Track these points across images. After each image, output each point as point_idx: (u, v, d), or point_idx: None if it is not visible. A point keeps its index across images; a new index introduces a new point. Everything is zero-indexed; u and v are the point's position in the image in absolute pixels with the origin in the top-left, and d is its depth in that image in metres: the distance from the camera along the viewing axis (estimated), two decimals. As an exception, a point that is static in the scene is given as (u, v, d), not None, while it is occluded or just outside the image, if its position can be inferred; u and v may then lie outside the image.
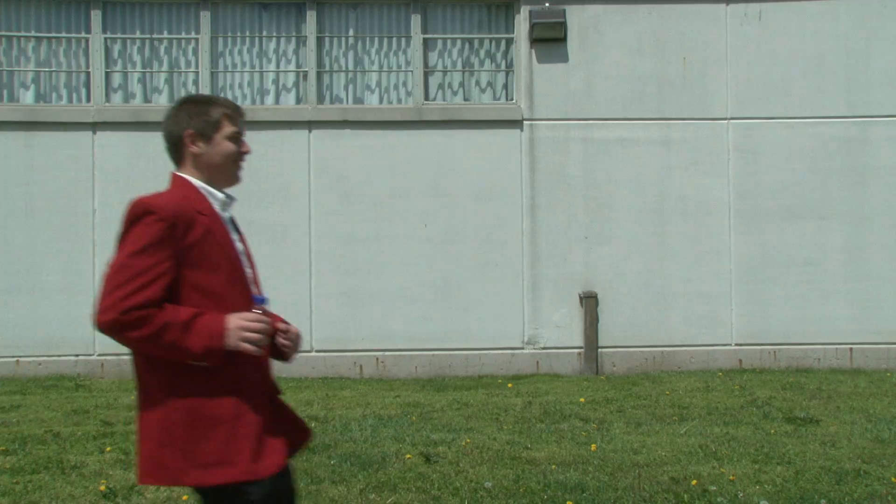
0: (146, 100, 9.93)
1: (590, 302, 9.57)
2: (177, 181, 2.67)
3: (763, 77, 9.79)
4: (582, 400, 7.83)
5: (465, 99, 10.03)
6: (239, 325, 2.45)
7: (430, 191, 9.73)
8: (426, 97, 9.93)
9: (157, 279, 2.41)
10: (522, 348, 9.70)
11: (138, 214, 2.47)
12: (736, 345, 9.70)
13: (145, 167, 9.66)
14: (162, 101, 9.87)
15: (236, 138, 2.68)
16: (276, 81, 9.91)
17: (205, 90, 9.74)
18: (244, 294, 2.58)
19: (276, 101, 9.96)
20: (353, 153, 9.64)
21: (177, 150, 2.68)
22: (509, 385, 8.77)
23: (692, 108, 9.79)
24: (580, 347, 9.66)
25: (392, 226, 9.69)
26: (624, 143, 9.78)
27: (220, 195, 2.67)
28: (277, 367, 2.87)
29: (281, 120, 9.70)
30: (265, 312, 2.52)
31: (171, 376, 2.44)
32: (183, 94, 9.89)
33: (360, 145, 9.73)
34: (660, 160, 9.80)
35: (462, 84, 10.04)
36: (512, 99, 9.94)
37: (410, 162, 9.74)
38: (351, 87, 9.98)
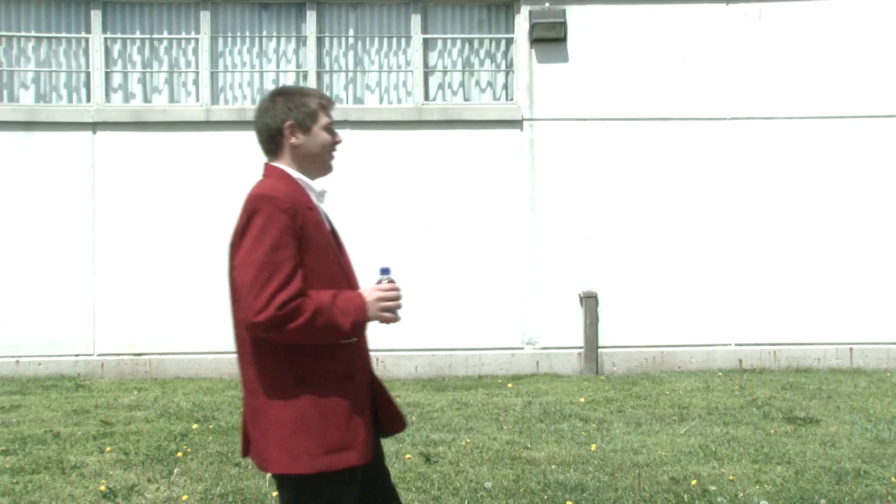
0: (146, 100, 9.92)
1: (590, 302, 9.57)
2: (275, 172, 2.64)
3: (763, 77, 9.78)
4: (582, 400, 7.83)
5: (466, 99, 10.02)
6: (376, 297, 2.53)
7: (430, 191, 9.73)
8: (426, 97, 9.93)
9: (297, 269, 2.43)
10: (522, 348, 9.70)
11: (259, 207, 2.45)
12: (736, 345, 9.70)
13: (145, 167, 9.65)
14: (162, 102, 9.88)
15: (331, 129, 2.72)
16: (276, 81, 9.89)
17: (204, 91, 9.75)
18: (351, 287, 2.60)
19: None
20: (353, 153, 9.63)
21: (273, 142, 2.67)
22: (509, 385, 8.77)
23: (692, 108, 9.79)
24: (580, 347, 9.66)
25: (390, 227, 9.69)
26: (624, 143, 9.77)
27: (316, 187, 2.68)
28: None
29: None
30: (391, 281, 2.59)
31: (296, 366, 2.47)
32: (183, 94, 9.91)
33: (361, 145, 9.72)
34: (660, 160, 9.78)
35: (462, 84, 10.03)
36: (512, 99, 9.94)
37: (410, 162, 9.73)
38: (351, 87, 9.98)
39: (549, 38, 9.70)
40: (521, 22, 9.81)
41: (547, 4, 9.74)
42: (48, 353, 9.47)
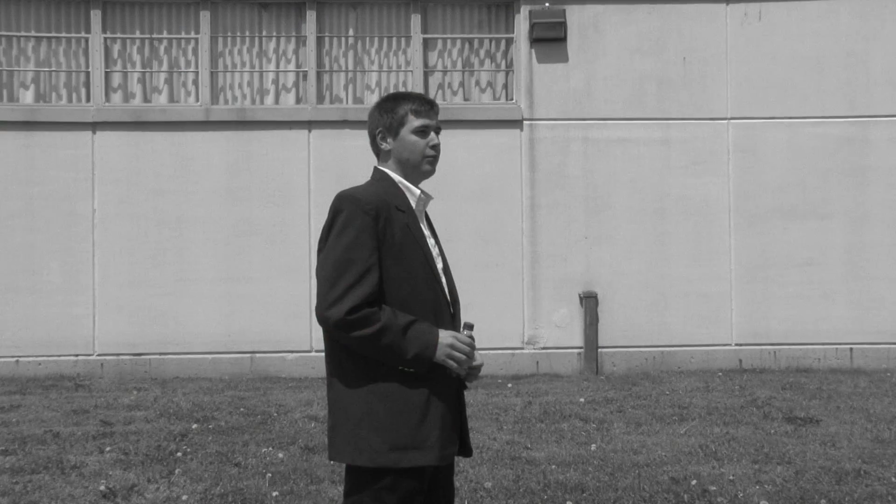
0: (146, 100, 9.90)
1: (590, 302, 9.57)
2: (376, 174, 2.74)
3: (763, 77, 9.76)
4: (582, 400, 7.82)
5: (465, 99, 10.01)
6: (449, 343, 2.56)
7: (429, 190, 9.65)
8: (426, 97, 9.91)
9: (372, 268, 2.50)
10: (522, 348, 9.69)
11: (343, 206, 2.54)
12: (736, 345, 9.68)
13: (145, 167, 9.64)
14: (161, 101, 9.86)
15: (424, 132, 2.73)
16: (275, 81, 9.89)
17: (204, 90, 9.73)
18: (436, 291, 2.66)
19: (276, 100, 9.93)
20: (352, 153, 9.61)
21: (375, 146, 2.77)
22: (509, 385, 8.78)
23: (692, 108, 9.77)
24: (580, 347, 9.64)
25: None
26: (624, 143, 9.76)
27: (416, 190, 2.73)
28: (277, 368, 2.88)
29: (281, 120, 9.68)
30: (471, 338, 2.63)
31: (370, 362, 2.52)
32: (182, 93, 9.89)
33: (360, 145, 9.70)
34: (660, 160, 9.78)
35: (462, 84, 10.02)
36: (512, 99, 9.92)
37: (410, 162, 9.69)
38: (351, 86, 9.96)
39: (549, 38, 9.68)
40: (521, 22, 9.79)
41: (547, 4, 9.72)
42: (48, 353, 9.46)
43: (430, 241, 2.74)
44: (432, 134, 2.75)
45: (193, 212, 9.63)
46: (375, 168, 2.77)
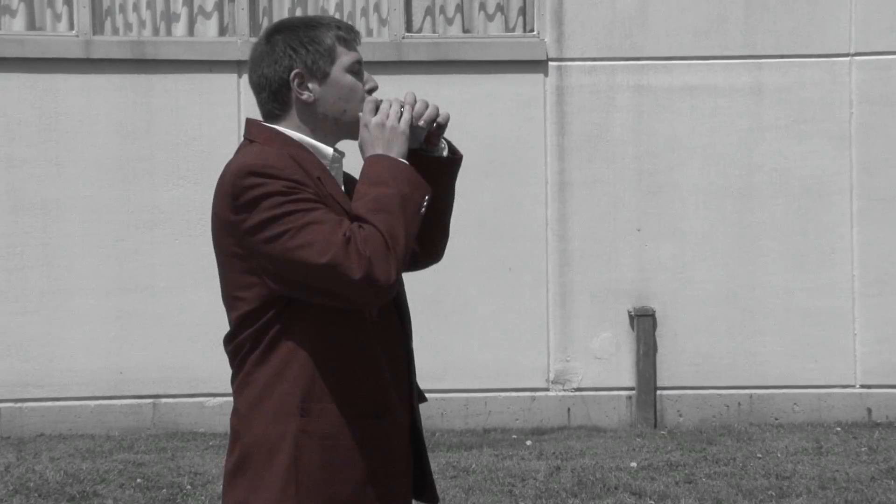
0: None
1: (644, 322, 9.52)
2: (265, 133, 2.89)
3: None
4: (634, 465, 7.81)
5: (465, 30, 9.95)
6: (379, 121, 2.86)
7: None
8: (408, 27, 9.83)
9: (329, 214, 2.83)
10: (547, 389, 9.68)
11: (248, 183, 2.78)
12: (862, 386, 9.62)
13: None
14: (17, 28, 9.67)
15: (358, 70, 2.88)
16: (188, 2, 9.80)
17: (83, 14, 9.51)
18: None
19: (190, 31, 9.84)
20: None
21: (278, 101, 2.88)
22: (528, 442, 8.76)
23: (796, 41, 9.67)
24: (630, 389, 9.63)
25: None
26: (694, 93, 9.68)
27: (328, 150, 2.89)
28: (192, 418, 2.93)
29: (197, 59, 9.61)
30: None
31: (302, 391, 2.81)
32: (49, 17, 9.72)
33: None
34: (748, 117, 9.69)
35: (460, 7, 9.94)
36: (532, 29, 9.87)
37: (386, 120, 9.62)
38: (300, 10, 9.85)
39: (587, -60, 9.62)
40: (546, -84, 9.73)
41: None
42: None
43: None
44: (367, 74, 2.91)
45: (67, 192, 9.49)
46: (256, 125, 2.91)
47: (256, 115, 3.08)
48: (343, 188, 2.93)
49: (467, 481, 7.31)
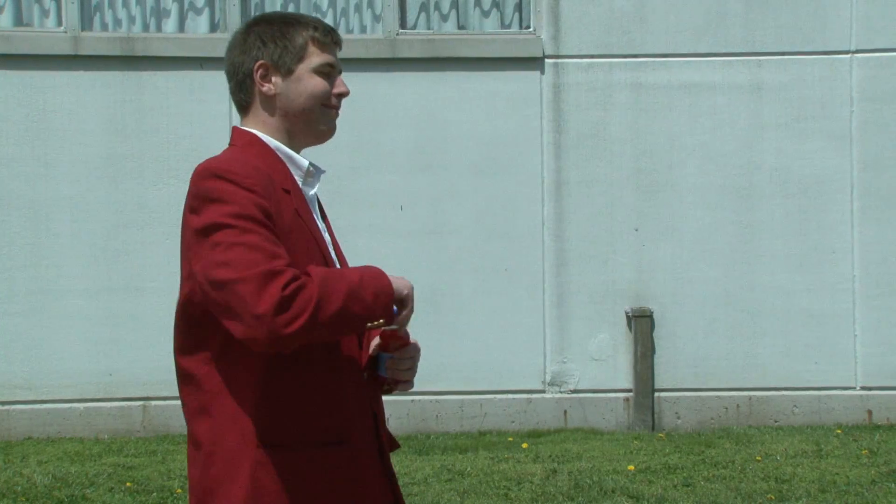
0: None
1: (642, 323, 9.54)
2: (242, 137, 2.86)
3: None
4: (631, 468, 7.86)
5: (460, 26, 9.98)
6: (406, 284, 2.82)
7: (408, 160, 9.59)
8: (402, 24, 9.84)
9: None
10: (543, 391, 9.71)
11: (211, 187, 2.72)
12: (862, 388, 9.64)
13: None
14: (4, 24, 9.68)
15: (328, 72, 2.85)
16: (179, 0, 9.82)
17: (71, 10, 9.52)
18: None
19: (181, 27, 9.85)
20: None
21: (243, 91, 2.86)
22: (524, 445, 8.79)
23: (796, 38, 9.67)
24: (628, 390, 9.65)
25: (353, 210, 9.51)
26: (694, 91, 9.68)
27: (303, 162, 2.88)
28: (182, 421, 2.89)
29: (188, 55, 9.60)
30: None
31: (258, 420, 2.77)
32: (37, 13, 9.75)
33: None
34: (747, 115, 9.70)
35: (455, 3, 9.95)
36: (528, 26, 9.89)
37: (380, 118, 9.60)
38: (291, 6, 9.87)
39: (584, -64, 9.61)
40: (542, -89, 9.72)
41: None
42: None
43: (326, 235, 2.91)
44: (340, 78, 2.89)
45: (56, 191, 9.50)
46: (239, 129, 2.86)
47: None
48: (316, 205, 2.93)
49: (462, 484, 7.32)
